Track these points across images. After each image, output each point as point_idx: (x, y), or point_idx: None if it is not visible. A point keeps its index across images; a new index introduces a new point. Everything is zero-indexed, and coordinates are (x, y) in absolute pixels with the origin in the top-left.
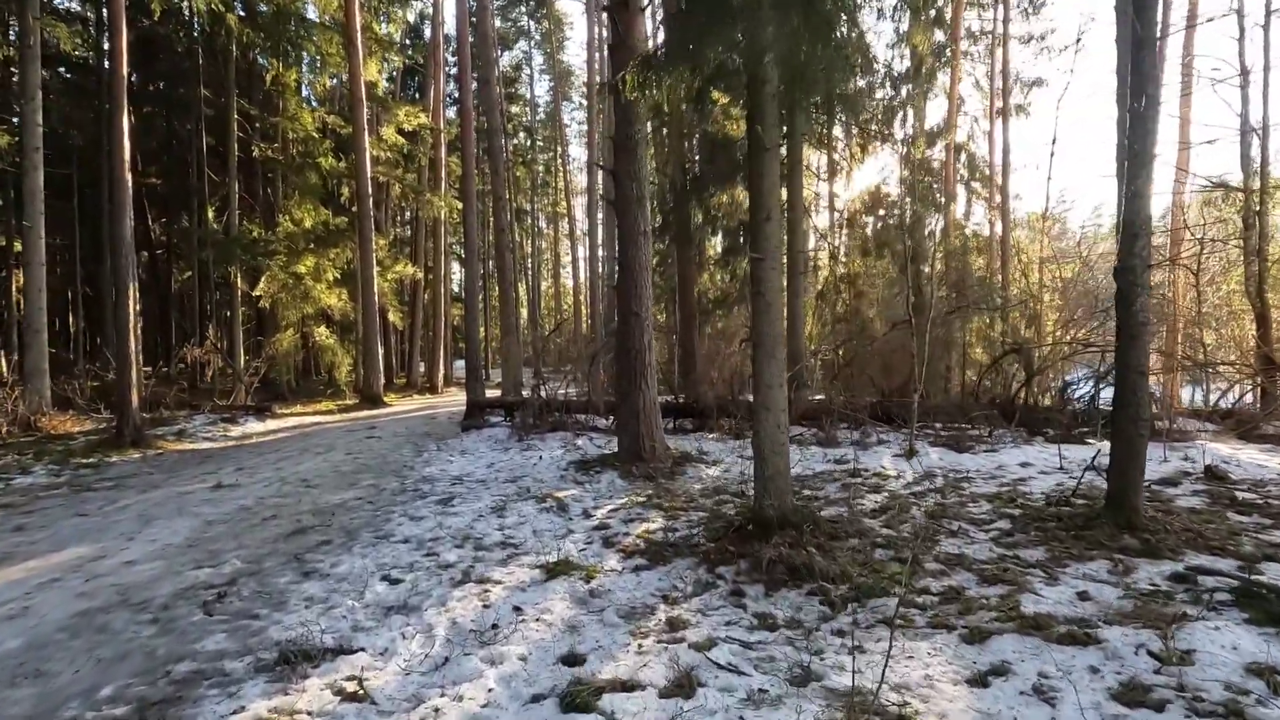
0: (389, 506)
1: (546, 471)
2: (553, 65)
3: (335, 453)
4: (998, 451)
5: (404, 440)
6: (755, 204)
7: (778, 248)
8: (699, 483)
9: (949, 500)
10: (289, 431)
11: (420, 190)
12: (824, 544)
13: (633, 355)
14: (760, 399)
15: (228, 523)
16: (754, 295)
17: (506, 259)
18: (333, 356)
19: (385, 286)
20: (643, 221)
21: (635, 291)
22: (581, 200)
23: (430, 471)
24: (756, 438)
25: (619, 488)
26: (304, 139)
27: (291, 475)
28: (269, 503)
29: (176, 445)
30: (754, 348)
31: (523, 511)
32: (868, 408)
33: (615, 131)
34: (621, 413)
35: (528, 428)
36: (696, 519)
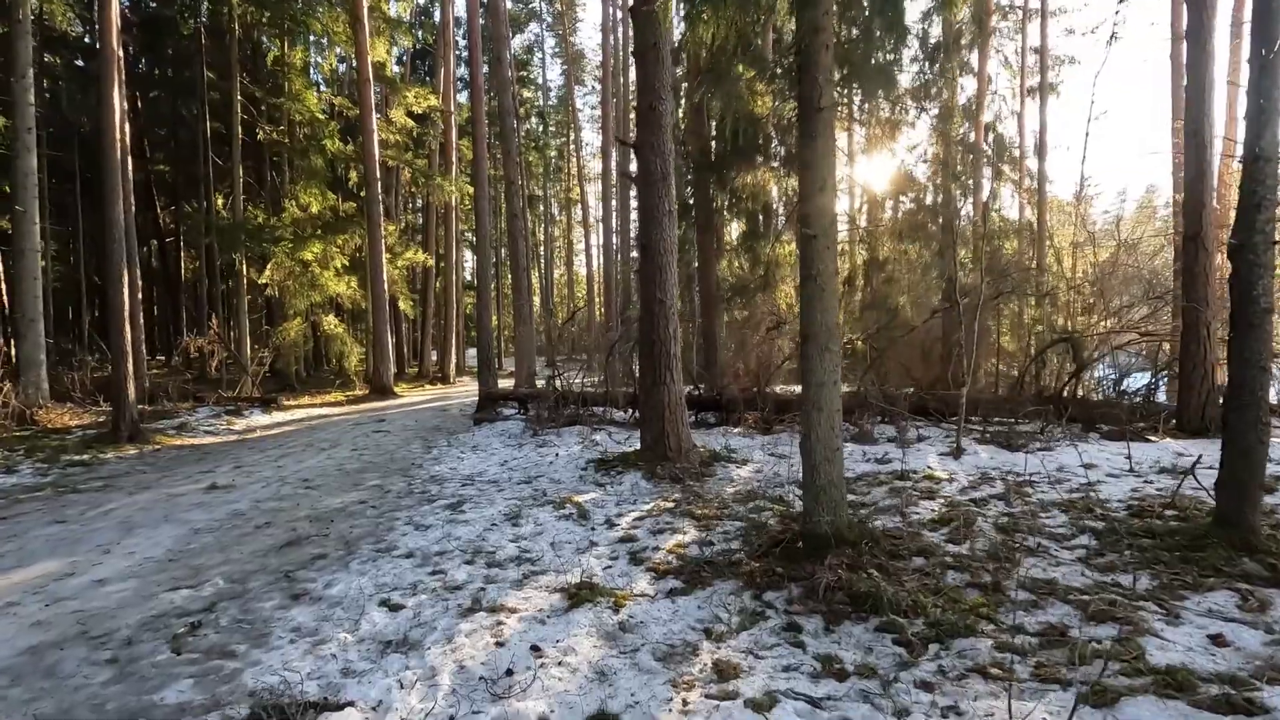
0: (393, 512)
1: (564, 471)
2: (565, 48)
3: (340, 449)
4: (1053, 450)
5: (413, 435)
6: (806, 173)
7: (832, 224)
8: (730, 485)
9: (1016, 509)
10: (295, 424)
11: (430, 175)
12: (885, 565)
13: (656, 346)
14: (811, 398)
15: (216, 532)
16: (804, 279)
17: (519, 245)
18: (342, 346)
19: (395, 274)
20: (667, 200)
21: (659, 277)
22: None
23: (439, 470)
24: (806, 442)
25: (643, 491)
26: (309, 121)
27: (292, 474)
28: (264, 507)
29: (176, 440)
30: (803, 340)
31: (539, 519)
32: (906, 401)
33: (637, 100)
34: (645, 408)
35: (543, 422)
36: (733, 529)
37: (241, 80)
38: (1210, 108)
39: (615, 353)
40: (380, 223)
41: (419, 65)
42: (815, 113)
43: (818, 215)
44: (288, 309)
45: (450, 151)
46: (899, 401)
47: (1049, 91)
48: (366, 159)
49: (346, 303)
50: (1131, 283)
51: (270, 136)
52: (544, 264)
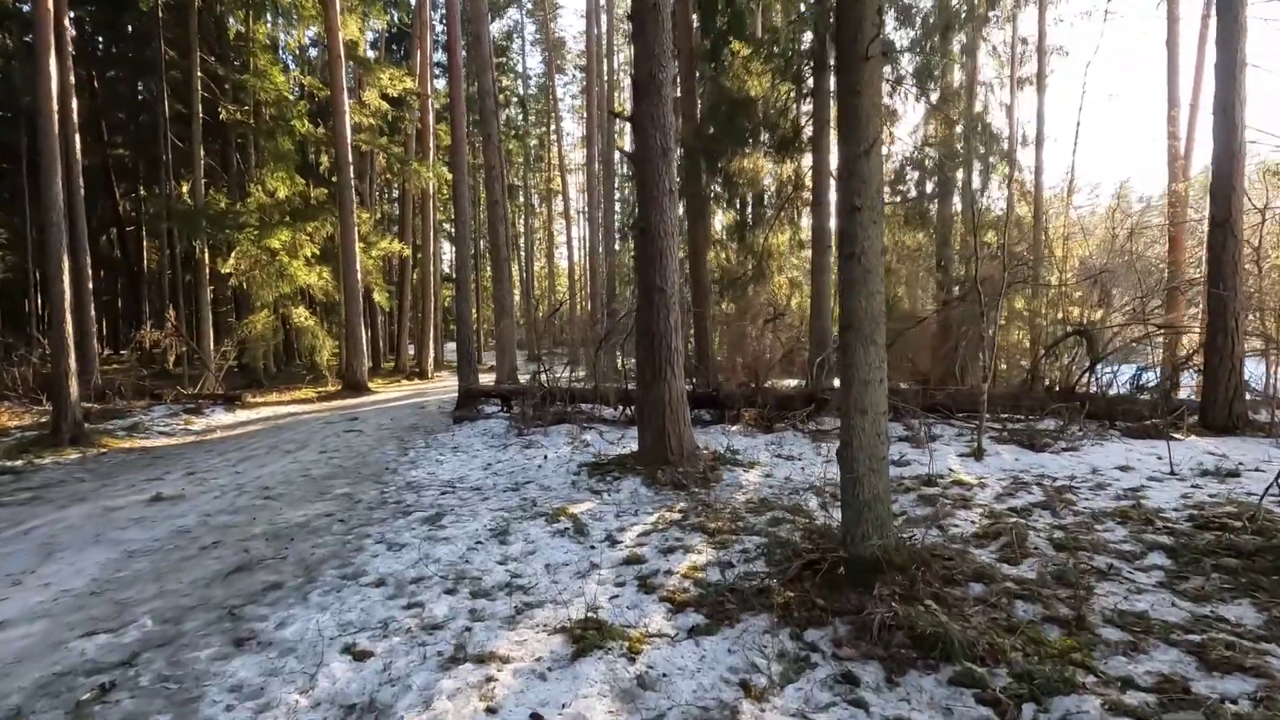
0: (363, 527)
1: (554, 476)
2: (545, 35)
3: (307, 451)
4: (1079, 450)
5: (388, 434)
6: (848, 133)
7: (878, 193)
8: (740, 492)
9: (1066, 520)
10: (260, 424)
11: (406, 160)
12: (942, 594)
13: (656, 339)
14: (852, 398)
15: (154, 555)
16: (845, 258)
17: (500, 233)
18: (313, 340)
19: (370, 264)
20: (668, 178)
21: (659, 262)
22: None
23: (416, 476)
24: (845, 450)
25: (645, 499)
26: (277, 100)
27: (251, 482)
28: (215, 523)
29: (125, 442)
30: (843, 330)
31: (530, 535)
32: (917, 397)
33: (635, 69)
34: (643, 407)
35: (528, 420)
36: (753, 547)
37: (203, 56)
38: (1241, 84)
39: (604, 347)
40: (353, 209)
41: (394, 50)
42: (860, 62)
43: (863, 183)
44: (254, 300)
45: (427, 137)
46: (910, 398)
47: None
48: (338, 141)
49: (318, 294)
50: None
51: (234, 116)
52: (524, 256)
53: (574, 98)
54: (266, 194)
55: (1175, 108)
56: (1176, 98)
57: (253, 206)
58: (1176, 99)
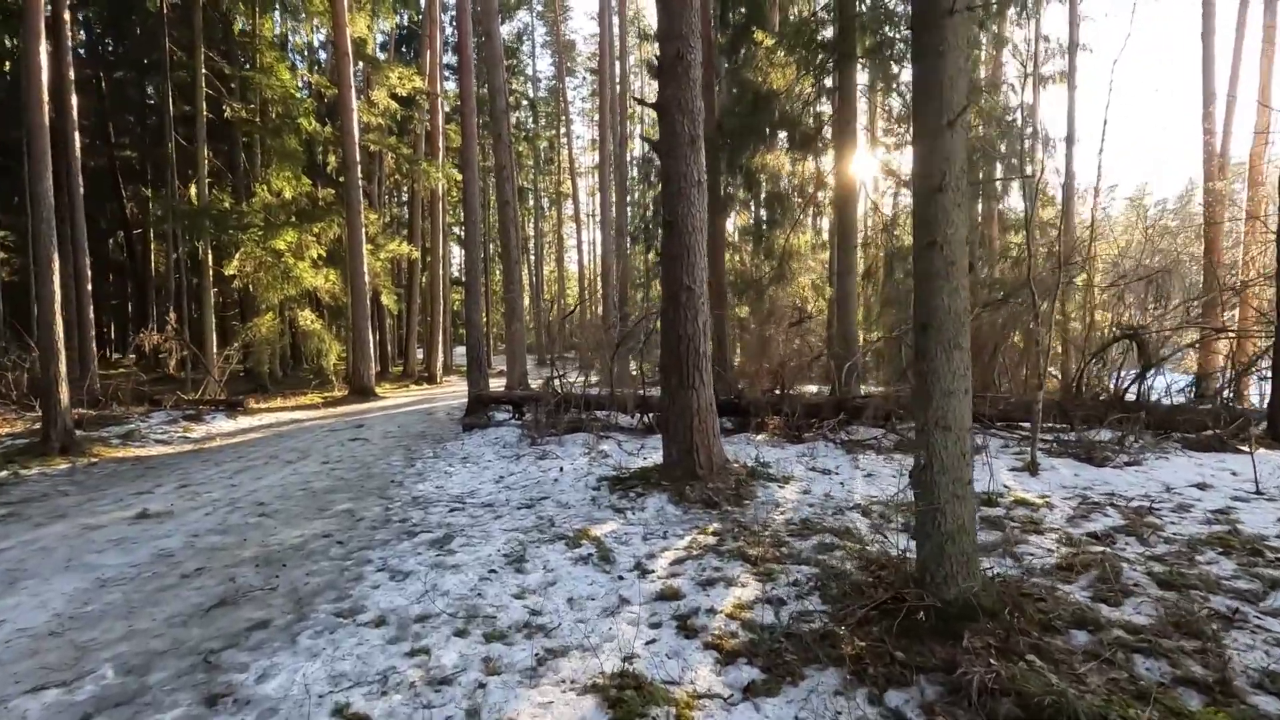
0: (364, 550)
1: (572, 491)
2: (555, 37)
3: (309, 461)
4: (1143, 465)
5: (394, 443)
6: (928, 102)
7: (963, 172)
8: (778, 511)
9: (1159, 549)
10: (262, 431)
11: (415, 159)
12: (1043, 645)
13: (683, 343)
14: (934, 412)
15: (129, 584)
16: (924, 248)
17: (511, 235)
18: (319, 343)
19: (378, 267)
20: (696, 168)
21: (686, 259)
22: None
23: (424, 490)
24: (925, 473)
25: (673, 519)
26: (283, 97)
27: (246, 496)
28: (202, 544)
29: (118, 451)
30: (920, 332)
31: (549, 561)
32: None
33: (660, 49)
34: (669, 416)
35: (541, 428)
36: (804, 579)
37: (209, 54)
38: None
39: (620, 351)
40: (360, 210)
41: (404, 52)
42: (944, 18)
43: (946, 160)
44: (259, 303)
45: (436, 138)
46: None
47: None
48: (346, 140)
49: (325, 297)
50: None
51: (239, 115)
52: (534, 260)
53: (584, 100)
54: (272, 194)
55: (1211, 104)
56: (1212, 92)
57: (258, 206)
58: (1212, 94)
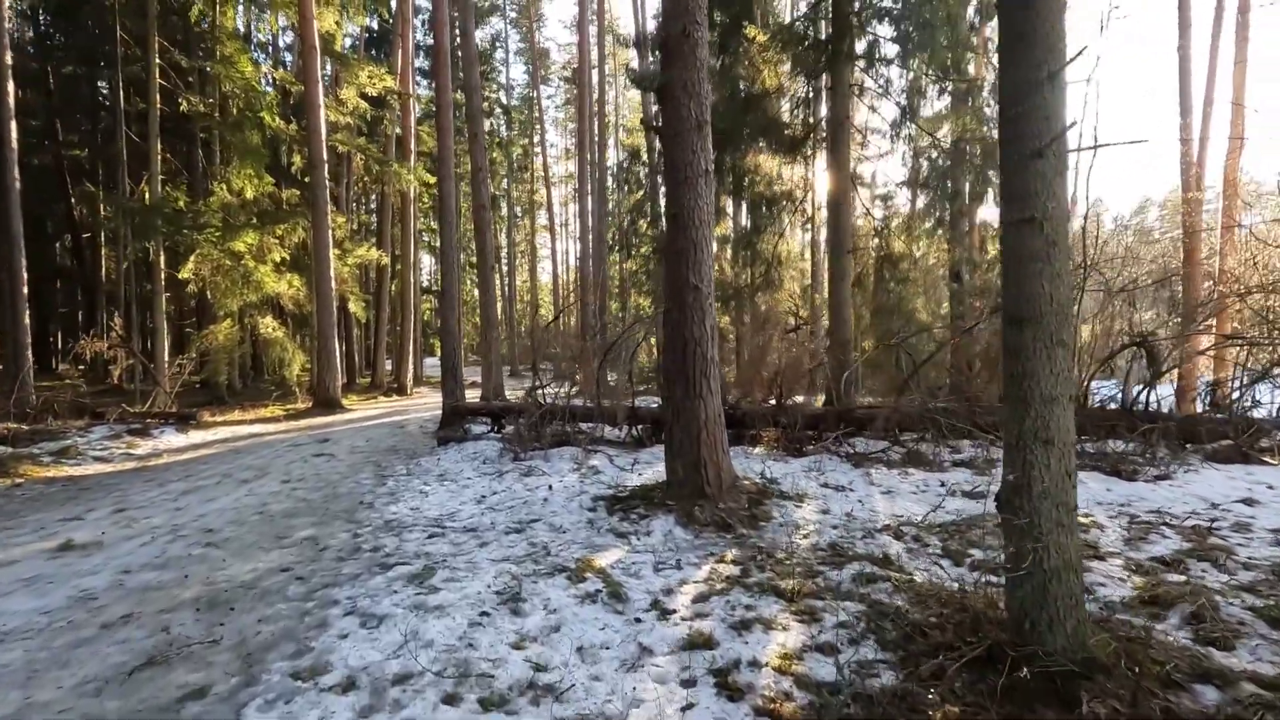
0: (329, 588)
1: (565, 513)
2: (530, 45)
3: (267, 480)
4: (1173, 478)
5: (363, 459)
6: (1022, 52)
7: (1063, 135)
8: (800, 534)
9: (1238, 575)
10: (216, 446)
11: (386, 160)
12: (1173, 707)
13: (689, 347)
14: (1031, 422)
15: (35, 636)
16: (1017, 225)
17: (487, 239)
18: (281, 352)
19: (346, 273)
20: (703, 156)
21: (692, 255)
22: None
23: (397, 512)
24: (1019, 497)
25: (684, 544)
26: (244, 89)
27: (192, 523)
28: (133, 583)
29: (48, 470)
30: (1012, 326)
31: (550, 600)
32: (972, 414)
33: (663, 27)
34: (673, 428)
35: (524, 442)
36: (853, 619)
37: (164, 44)
38: None
39: (607, 360)
40: (327, 211)
41: (374, 53)
42: None
43: (1046, 120)
44: (217, 310)
45: (408, 140)
46: (964, 416)
47: None
48: (312, 138)
49: (289, 304)
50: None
51: (197, 109)
52: (507, 269)
53: (558, 108)
54: (232, 193)
55: (1189, 115)
56: (1189, 105)
57: (215, 206)
58: (1189, 106)
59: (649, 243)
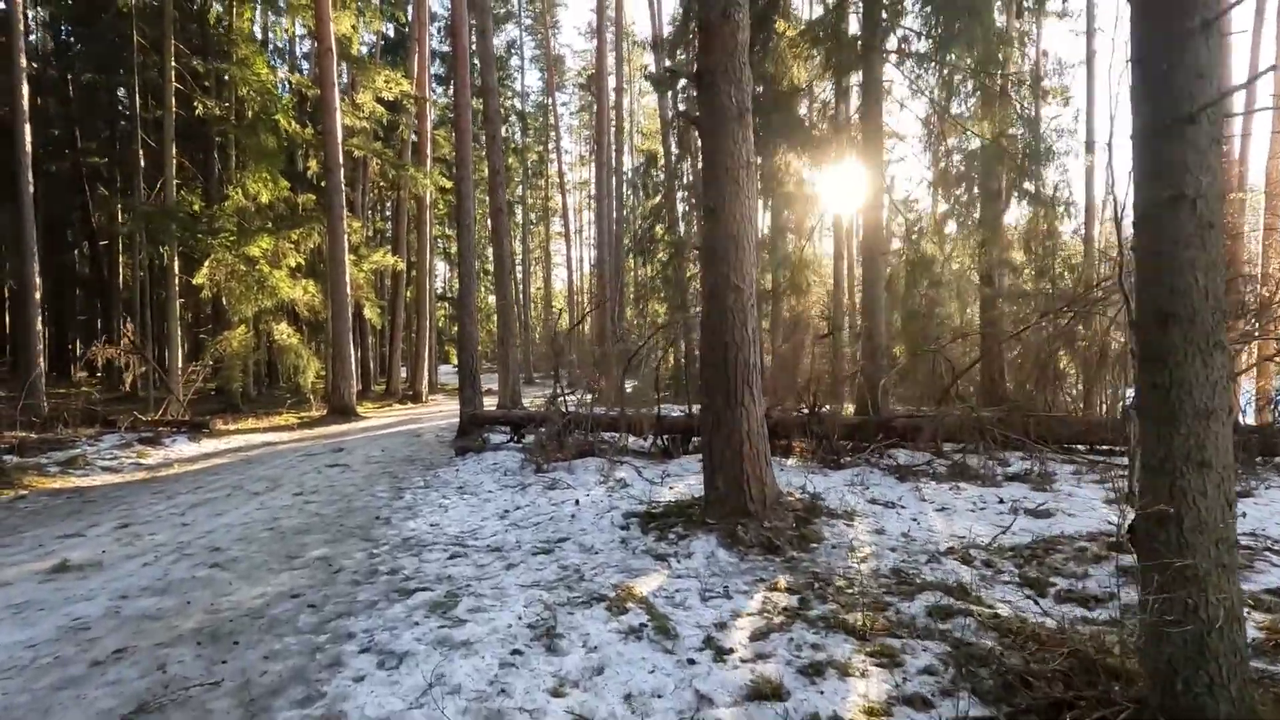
0: (344, 619)
1: (595, 531)
2: (545, 52)
3: (280, 492)
4: (1256, 495)
5: (379, 470)
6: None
7: (1220, 109)
8: (856, 557)
9: None
10: (228, 456)
11: (402, 164)
12: None
13: (730, 352)
14: (1182, 441)
15: (17, 675)
16: (1161, 204)
17: (504, 244)
18: (296, 359)
19: (361, 278)
20: (745, 147)
21: (733, 253)
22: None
23: (415, 529)
24: (1166, 529)
25: (729, 568)
26: (260, 91)
27: (199, 540)
28: (130, 611)
29: (55, 481)
30: (1154, 325)
31: (590, 635)
32: (1024, 424)
33: (701, 5)
34: (712, 440)
35: (547, 452)
36: (938, 662)
37: (179, 47)
38: None
39: (631, 366)
40: (343, 216)
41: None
42: None
43: (1199, 79)
44: (231, 315)
45: (425, 144)
46: (1017, 426)
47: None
48: (328, 141)
49: (303, 310)
50: None
51: (213, 112)
52: (521, 276)
53: (573, 114)
54: (247, 197)
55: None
56: None
57: (230, 210)
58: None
59: (667, 248)
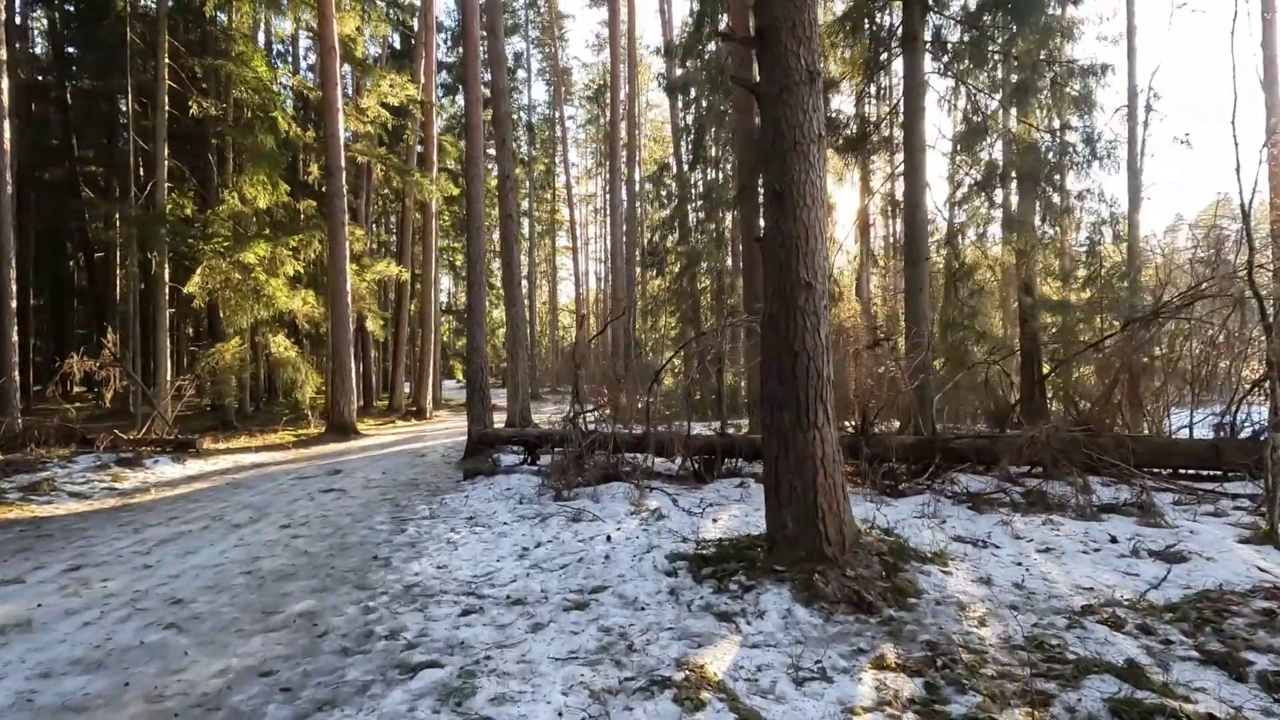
0: (325, 711)
1: (637, 576)
2: (553, 65)
3: (265, 524)
4: None
5: (378, 496)
6: None
7: None
8: (969, 616)
9: None
10: (214, 479)
11: (407, 170)
12: None
13: (800, 363)
14: None
15: None
16: None
17: (514, 252)
18: (294, 373)
19: (364, 289)
20: (816, 119)
21: (804, 243)
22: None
23: (420, 572)
24: None
25: (814, 634)
26: (257, 88)
27: (159, 587)
28: (47, 699)
29: (10, 511)
30: None
31: None
32: (1110, 446)
33: None
34: (779, 468)
35: (568, 477)
36: None
37: (174, 44)
38: None
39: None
40: (344, 222)
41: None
42: None
43: None
44: (226, 327)
45: (431, 150)
46: (1109, 449)
47: None
48: (330, 143)
49: (303, 322)
50: None
51: (208, 112)
52: (527, 290)
53: (580, 127)
54: (244, 202)
55: (1276, 115)
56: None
57: (225, 215)
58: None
59: (679, 259)
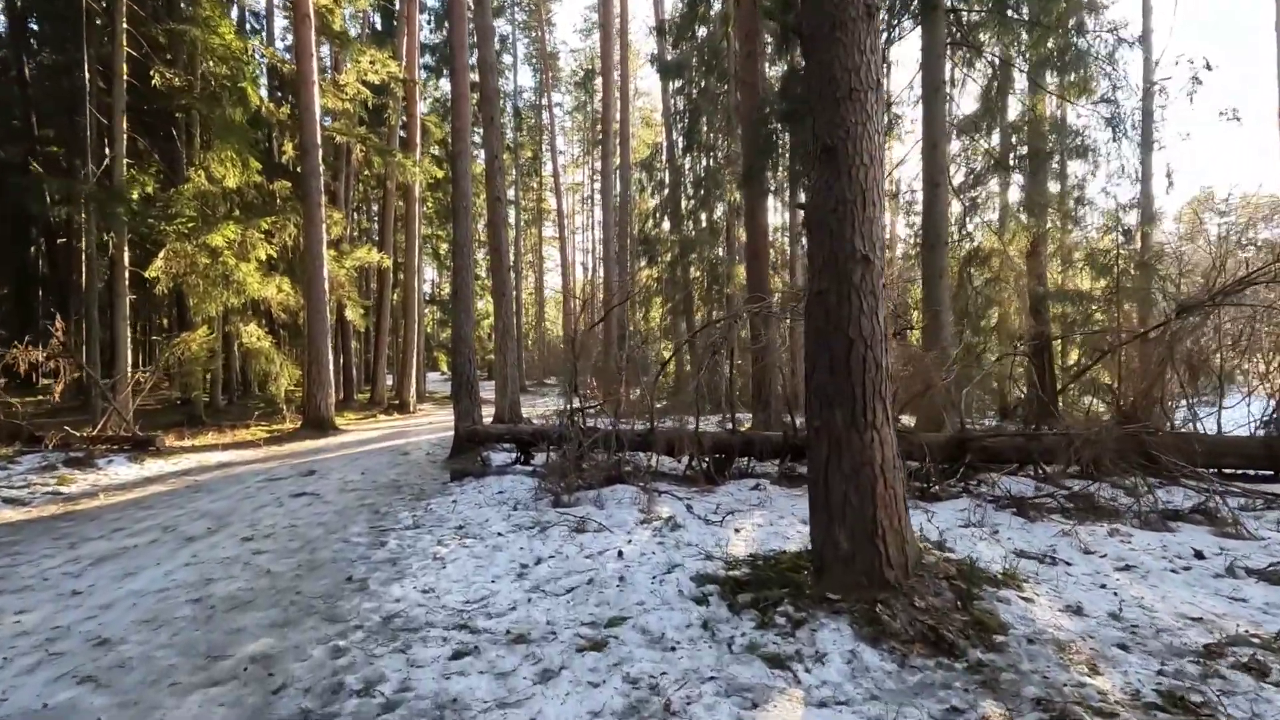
0: None
1: (660, 604)
2: (540, 50)
3: (223, 536)
4: None
5: (356, 501)
6: None
7: None
8: (1074, 662)
9: None
10: (173, 481)
11: (389, 150)
12: None
13: (855, 351)
14: None
15: None
16: None
17: (503, 237)
18: (267, 365)
19: (343, 276)
20: (874, 61)
21: (859, 210)
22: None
23: (402, 598)
24: None
25: (889, 685)
26: (224, 57)
27: (84, 624)
28: None
29: None
30: None
31: None
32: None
33: None
34: (829, 475)
35: (567, 478)
36: None
37: (134, 8)
38: None
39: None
40: (320, 204)
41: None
42: None
43: None
44: (194, 315)
45: (414, 131)
46: (1169, 448)
47: None
48: (305, 118)
49: (278, 311)
50: None
51: (171, 82)
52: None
53: (566, 113)
54: (211, 180)
55: None
56: None
57: (189, 194)
58: None
59: (672, 248)
